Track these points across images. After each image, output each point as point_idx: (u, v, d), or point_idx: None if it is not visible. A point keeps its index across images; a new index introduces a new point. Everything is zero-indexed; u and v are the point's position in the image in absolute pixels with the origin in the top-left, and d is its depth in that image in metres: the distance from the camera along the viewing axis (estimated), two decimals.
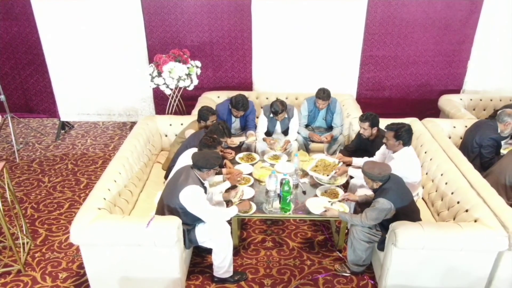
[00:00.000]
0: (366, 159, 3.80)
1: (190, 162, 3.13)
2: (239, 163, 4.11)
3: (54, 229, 3.96)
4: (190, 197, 2.95)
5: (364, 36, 5.46)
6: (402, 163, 3.20)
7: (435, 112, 5.67)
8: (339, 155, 4.08)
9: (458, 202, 3.24)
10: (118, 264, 3.00)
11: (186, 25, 5.44)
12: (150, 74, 4.74)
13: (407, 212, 3.01)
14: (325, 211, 3.26)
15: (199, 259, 3.57)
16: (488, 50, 5.53)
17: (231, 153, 4.04)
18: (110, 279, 3.07)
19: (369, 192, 3.38)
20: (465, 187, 3.30)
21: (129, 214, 3.46)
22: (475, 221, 2.97)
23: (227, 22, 5.41)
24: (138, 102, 5.97)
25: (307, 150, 4.62)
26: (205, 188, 3.11)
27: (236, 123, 4.62)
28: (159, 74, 4.66)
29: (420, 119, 4.64)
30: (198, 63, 4.93)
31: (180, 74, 4.59)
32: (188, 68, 4.69)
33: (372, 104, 5.80)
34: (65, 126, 6.11)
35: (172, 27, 5.45)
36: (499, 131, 4.01)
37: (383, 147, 3.71)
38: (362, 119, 3.86)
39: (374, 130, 3.85)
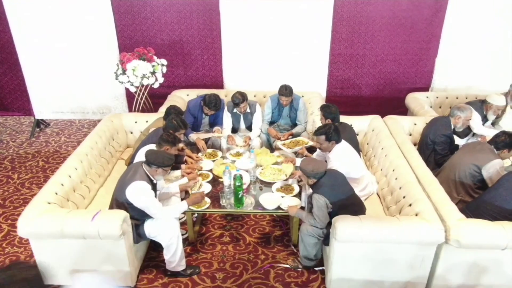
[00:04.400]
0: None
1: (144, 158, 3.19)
2: (201, 160, 4.17)
3: (17, 225, 4.01)
4: (136, 193, 3.00)
5: (332, 34, 5.50)
6: (339, 160, 3.27)
7: (404, 110, 5.70)
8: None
9: (404, 197, 3.29)
10: (67, 257, 3.07)
11: (156, 23, 5.49)
12: (115, 72, 4.80)
13: (347, 205, 3.06)
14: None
15: (155, 253, 3.63)
16: (455, 48, 5.57)
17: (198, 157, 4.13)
18: (61, 272, 3.13)
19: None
20: (412, 182, 3.36)
21: (85, 209, 3.52)
22: (416, 215, 3.03)
23: (196, 21, 5.47)
24: (111, 100, 6.02)
25: (271, 147, 4.68)
26: (154, 185, 3.17)
27: (205, 119, 4.70)
28: (124, 72, 4.72)
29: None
30: (164, 61, 4.98)
31: (144, 72, 4.65)
32: (153, 66, 4.75)
33: (342, 102, 5.85)
34: (40, 124, 6.17)
35: (142, 26, 5.50)
36: (452, 126, 4.08)
37: (318, 150, 3.86)
38: (320, 107, 4.11)
39: (328, 121, 3.94)
